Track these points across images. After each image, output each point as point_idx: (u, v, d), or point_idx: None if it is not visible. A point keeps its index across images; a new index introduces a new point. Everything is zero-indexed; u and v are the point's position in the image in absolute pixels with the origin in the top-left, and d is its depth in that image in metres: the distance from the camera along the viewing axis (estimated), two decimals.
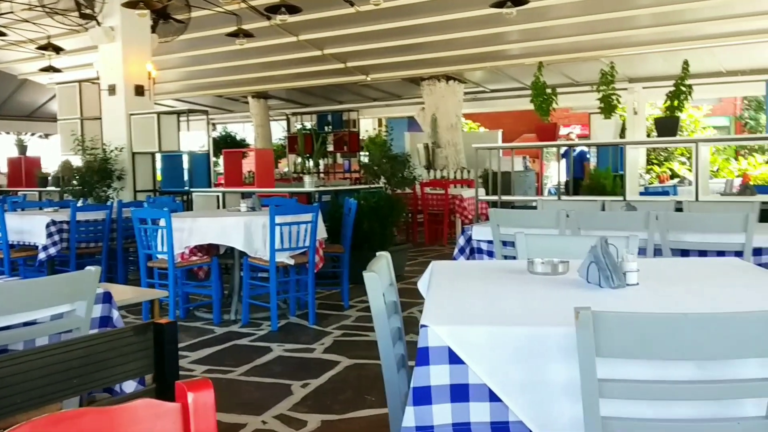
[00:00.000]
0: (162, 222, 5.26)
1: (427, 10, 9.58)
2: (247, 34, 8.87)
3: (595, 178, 11.34)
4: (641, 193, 7.52)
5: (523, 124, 18.14)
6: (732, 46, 10.20)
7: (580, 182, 11.20)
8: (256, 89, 15.11)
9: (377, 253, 2.30)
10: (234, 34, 8.76)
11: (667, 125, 5.89)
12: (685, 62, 6.00)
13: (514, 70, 12.52)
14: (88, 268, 2.25)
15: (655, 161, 16.75)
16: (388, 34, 10.51)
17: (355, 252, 6.23)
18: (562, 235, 3.84)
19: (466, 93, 13.67)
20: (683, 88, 5.88)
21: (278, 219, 5.13)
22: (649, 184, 13.98)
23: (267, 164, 8.52)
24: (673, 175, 15.86)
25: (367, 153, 13.89)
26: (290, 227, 5.22)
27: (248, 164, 10.91)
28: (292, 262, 5.34)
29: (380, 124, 20.35)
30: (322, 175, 15.91)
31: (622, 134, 8.60)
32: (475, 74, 13.23)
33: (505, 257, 4.01)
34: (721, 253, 3.71)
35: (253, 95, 16.08)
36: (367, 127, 20.07)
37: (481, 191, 7.47)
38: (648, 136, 13.88)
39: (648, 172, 15.31)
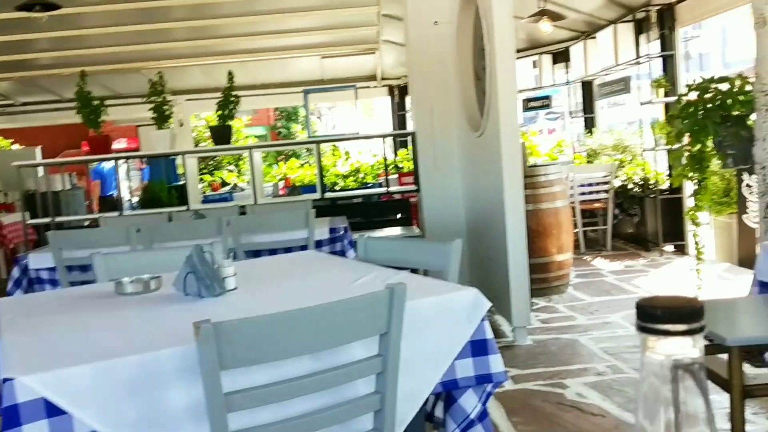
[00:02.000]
0: None
1: None
2: None
3: (151, 190, 11.12)
4: (203, 201, 7.62)
5: (64, 138, 16.83)
6: (265, 61, 11.07)
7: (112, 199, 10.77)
8: None
9: None
10: None
11: (222, 133, 6.09)
12: (230, 73, 6.29)
13: (49, 82, 11.45)
14: None
15: (205, 170, 17.26)
16: None
17: None
18: (135, 251, 3.62)
19: None
20: (231, 98, 6.15)
21: None
22: (204, 193, 14.34)
23: None
24: (224, 183, 16.58)
25: None
26: None
27: None
28: None
29: None
30: None
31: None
32: (0, 85, 11.71)
33: (72, 284, 3.62)
34: (288, 250, 3.96)
35: None
36: None
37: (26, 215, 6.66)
38: (196, 146, 14.24)
39: (200, 182, 15.66)
